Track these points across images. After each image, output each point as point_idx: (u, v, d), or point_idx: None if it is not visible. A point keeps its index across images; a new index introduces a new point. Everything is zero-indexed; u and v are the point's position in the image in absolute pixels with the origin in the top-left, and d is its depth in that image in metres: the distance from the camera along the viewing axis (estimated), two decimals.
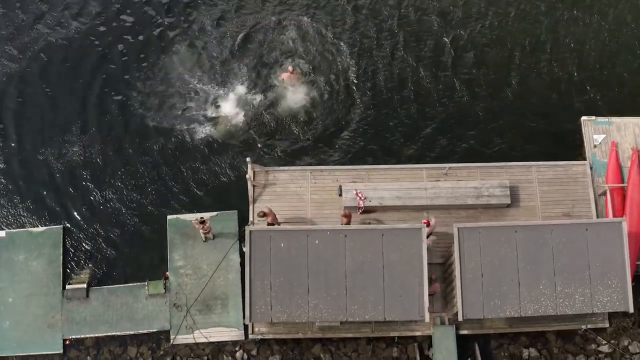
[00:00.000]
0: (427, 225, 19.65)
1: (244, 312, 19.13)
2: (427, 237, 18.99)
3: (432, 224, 19.96)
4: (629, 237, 19.01)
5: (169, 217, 21.81)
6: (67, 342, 20.66)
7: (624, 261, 18.61)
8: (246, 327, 20.43)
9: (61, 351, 20.55)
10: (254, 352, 20.62)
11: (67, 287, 20.96)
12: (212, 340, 20.57)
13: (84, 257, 21.63)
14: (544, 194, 21.56)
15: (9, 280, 21.11)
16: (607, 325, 20.53)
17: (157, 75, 24.01)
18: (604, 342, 20.58)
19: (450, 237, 19.07)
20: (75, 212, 22.11)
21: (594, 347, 20.64)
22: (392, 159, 22.65)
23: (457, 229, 18.66)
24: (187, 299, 20.82)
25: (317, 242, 18.57)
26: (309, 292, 18.44)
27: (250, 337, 20.44)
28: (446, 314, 20.20)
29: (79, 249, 21.72)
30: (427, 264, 18.55)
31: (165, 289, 20.97)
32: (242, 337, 20.58)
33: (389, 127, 23.35)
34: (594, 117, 22.53)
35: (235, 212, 21.77)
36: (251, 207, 21.36)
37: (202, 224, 20.52)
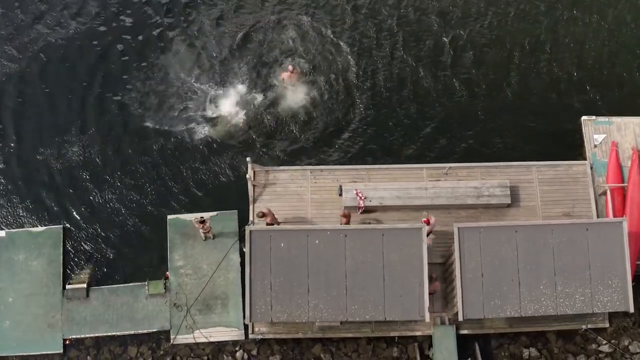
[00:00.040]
0: (427, 223, 19.67)
1: (244, 311, 19.10)
2: (427, 235, 18.99)
3: (432, 222, 19.96)
4: (629, 237, 19.00)
5: (169, 217, 21.80)
6: (67, 342, 20.64)
7: (624, 261, 18.60)
8: (246, 327, 20.43)
9: (61, 351, 20.53)
10: (254, 352, 20.62)
11: (67, 286, 20.95)
12: (212, 340, 20.56)
13: (84, 256, 21.61)
14: (545, 194, 21.55)
15: (9, 280, 21.10)
16: (608, 325, 20.52)
17: (157, 75, 23.98)
18: (605, 342, 20.58)
19: (450, 237, 19.07)
20: (75, 212, 22.08)
21: (594, 347, 20.64)
22: (392, 159, 22.64)
23: (458, 228, 18.64)
24: (187, 299, 20.81)
25: (317, 241, 18.55)
26: (309, 292, 18.42)
27: (250, 337, 20.43)
28: (446, 313, 20.19)
29: (79, 249, 21.70)
30: (428, 264, 18.55)
31: (165, 288, 20.96)
32: (242, 337, 20.58)
33: (389, 127, 23.34)
34: (594, 117, 22.52)
35: (235, 211, 21.76)
36: (251, 207, 21.34)
37: (202, 223, 20.52)
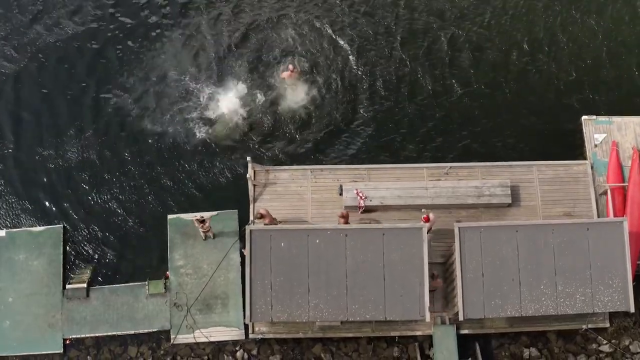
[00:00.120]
0: (427, 220, 19.67)
1: (244, 311, 19.07)
2: (427, 232, 18.96)
3: (432, 219, 19.94)
4: (630, 237, 18.97)
5: (170, 216, 21.78)
6: (68, 342, 20.64)
7: (625, 261, 18.58)
8: (247, 327, 20.42)
9: (61, 351, 20.53)
10: (254, 352, 20.61)
11: (68, 286, 20.94)
12: (212, 339, 20.55)
13: (84, 256, 21.61)
14: (545, 194, 21.53)
15: (9, 279, 21.09)
16: (608, 325, 20.51)
17: (157, 75, 23.91)
18: (605, 341, 20.57)
19: (451, 237, 19.04)
20: (75, 212, 22.06)
21: (594, 346, 20.63)
22: (392, 158, 22.63)
23: (458, 228, 18.61)
24: (188, 299, 20.80)
25: (317, 241, 18.53)
26: (310, 291, 18.40)
27: (250, 336, 20.41)
28: (447, 313, 20.17)
29: (79, 249, 21.69)
30: (428, 263, 18.52)
31: (165, 288, 20.95)
32: (243, 337, 20.57)
33: (389, 127, 23.32)
34: (594, 117, 22.50)
35: (235, 211, 21.74)
36: (251, 207, 21.31)
37: (201, 223, 20.50)
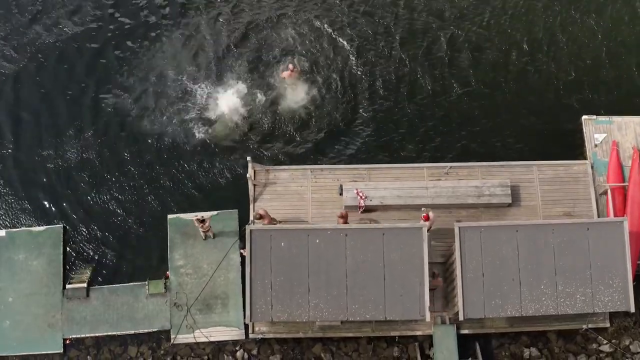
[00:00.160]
0: (426, 219, 19.67)
1: (244, 311, 19.07)
2: (427, 231, 18.94)
3: (431, 218, 19.94)
4: (630, 237, 18.97)
5: (170, 216, 21.77)
6: (67, 342, 20.63)
7: (625, 261, 18.58)
8: (247, 327, 20.42)
9: (61, 351, 20.53)
10: (254, 352, 20.60)
11: (68, 286, 20.93)
12: (212, 339, 20.54)
13: (84, 256, 21.60)
14: (545, 194, 21.53)
15: (9, 279, 21.08)
16: (608, 324, 20.51)
17: (156, 75, 23.91)
18: (605, 341, 20.56)
19: (451, 236, 19.03)
20: (75, 212, 22.06)
21: (595, 346, 20.63)
22: (392, 158, 22.63)
23: (458, 228, 18.62)
24: (188, 299, 20.80)
25: (317, 241, 18.53)
26: (310, 291, 18.39)
27: (250, 336, 20.41)
28: (447, 313, 20.17)
29: (79, 249, 21.69)
30: (428, 263, 18.51)
31: (165, 288, 20.94)
32: (243, 337, 20.57)
33: (389, 126, 23.31)
34: (594, 116, 22.50)
35: (235, 211, 21.74)
36: (252, 207, 21.31)
37: (201, 222, 20.50)
